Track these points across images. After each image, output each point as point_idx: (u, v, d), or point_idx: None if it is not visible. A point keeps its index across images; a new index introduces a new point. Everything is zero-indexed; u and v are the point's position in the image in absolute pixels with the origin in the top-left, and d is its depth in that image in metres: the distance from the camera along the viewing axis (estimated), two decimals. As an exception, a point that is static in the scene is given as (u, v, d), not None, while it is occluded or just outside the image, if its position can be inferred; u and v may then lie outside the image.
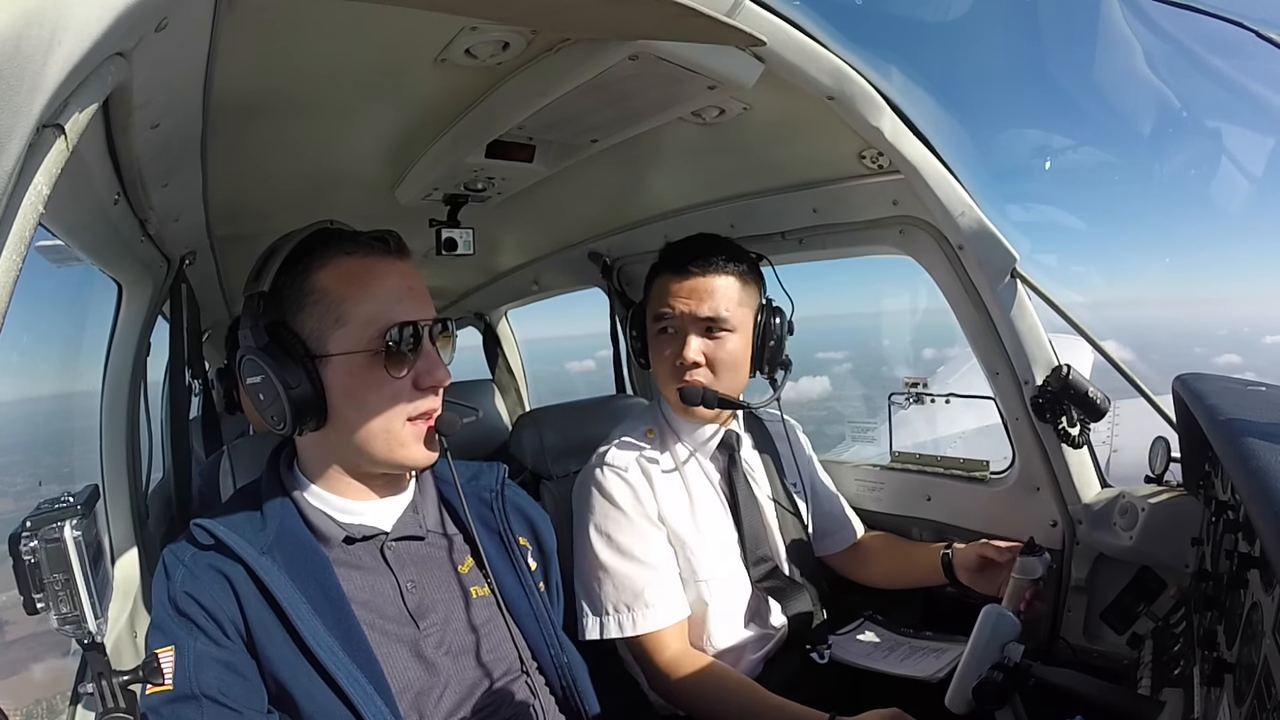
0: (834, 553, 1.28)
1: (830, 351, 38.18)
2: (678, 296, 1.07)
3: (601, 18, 0.69)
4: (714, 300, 1.06)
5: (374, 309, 0.72)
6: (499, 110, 0.91)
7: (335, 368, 0.72)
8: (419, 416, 0.74)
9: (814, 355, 43.43)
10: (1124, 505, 1.06)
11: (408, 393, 0.73)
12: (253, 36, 0.68)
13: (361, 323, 0.71)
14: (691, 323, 1.06)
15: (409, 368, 0.73)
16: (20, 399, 1.46)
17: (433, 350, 0.75)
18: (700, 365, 1.06)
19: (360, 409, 0.72)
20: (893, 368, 14.95)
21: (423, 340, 0.74)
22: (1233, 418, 0.63)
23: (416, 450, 0.75)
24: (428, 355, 0.74)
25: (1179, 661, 0.82)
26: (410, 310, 0.74)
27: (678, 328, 1.08)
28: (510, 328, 2.56)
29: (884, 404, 1.52)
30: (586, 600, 1.04)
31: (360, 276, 0.73)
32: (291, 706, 0.68)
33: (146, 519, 1.21)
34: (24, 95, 0.35)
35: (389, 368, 0.72)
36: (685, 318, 1.07)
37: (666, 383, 1.11)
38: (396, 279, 0.74)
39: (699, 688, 0.98)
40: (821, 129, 1.03)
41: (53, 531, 0.60)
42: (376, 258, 0.74)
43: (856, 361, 35.15)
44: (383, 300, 0.73)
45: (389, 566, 0.76)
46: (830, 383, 37.99)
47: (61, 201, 0.70)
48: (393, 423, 0.73)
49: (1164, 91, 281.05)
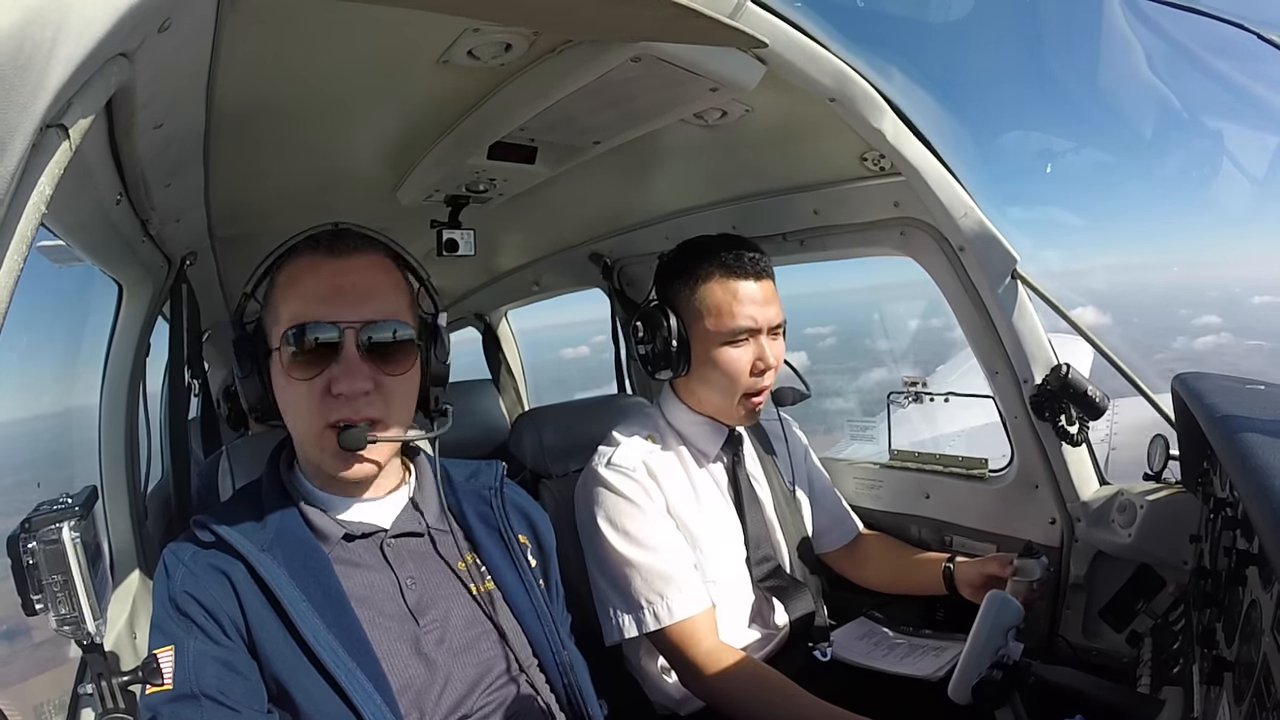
0: (834, 549, 1.28)
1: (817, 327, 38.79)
2: (753, 304, 1.06)
3: (604, 19, 0.69)
4: (776, 304, 1.09)
5: (295, 308, 0.71)
6: (501, 111, 0.91)
7: (272, 364, 0.73)
8: (331, 426, 0.70)
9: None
10: (1123, 503, 1.06)
11: (319, 399, 0.70)
12: (255, 37, 0.68)
13: (283, 321, 0.71)
14: (766, 328, 1.08)
15: (320, 371, 0.70)
16: (20, 398, 1.46)
17: (354, 355, 0.70)
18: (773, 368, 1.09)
19: (284, 409, 0.74)
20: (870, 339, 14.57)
21: (341, 344, 0.69)
22: (1231, 415, 0.63)
23: (331, 461, 0.72)
24: (346, 360, 0.69)
25: (1178, 659, 0.83)
26: (330, 311, 0.70)
27: (753, 336, 1.08)
28: (510, 328, 2.57)
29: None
30: (617, 599, 1.03)
31: (298, 275, 0.73)
32: (292, 705, 0.67)
33: (145, 519, 1.20)
34: (27, 95, 0.35)
35: (290, 369, 0.71)
36: (763, 325, 1.07)
37: (736, 389, 1.08)
38: (327, 277, 0.71)
39: (741, 685, 0.96)
40: (823, 131, 1.03)
41: (51, 533, 0.60)
42: (319, 256, 0.73)
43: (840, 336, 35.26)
44: (305, 299, 0.71)
45: (388, 564, 0.76)
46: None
47: (63, 202, 0.70)
48: (311, 428, 0.71)
49: (1164, 92, 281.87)
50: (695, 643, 0.99)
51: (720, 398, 1.10)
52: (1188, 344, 63.10)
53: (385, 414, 0.72)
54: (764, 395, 1.11)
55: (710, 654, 0.99)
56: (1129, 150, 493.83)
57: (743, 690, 0.96)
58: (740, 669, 0.98)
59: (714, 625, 1.02)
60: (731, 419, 1.14)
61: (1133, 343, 1.50)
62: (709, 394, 1.11)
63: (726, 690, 0.97)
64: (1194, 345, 63.37)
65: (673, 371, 1.11)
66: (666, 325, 1.09)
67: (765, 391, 1.11)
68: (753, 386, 1.08)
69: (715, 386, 1.10)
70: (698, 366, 1.10)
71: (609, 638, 1.03)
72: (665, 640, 1.01)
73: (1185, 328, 78.57)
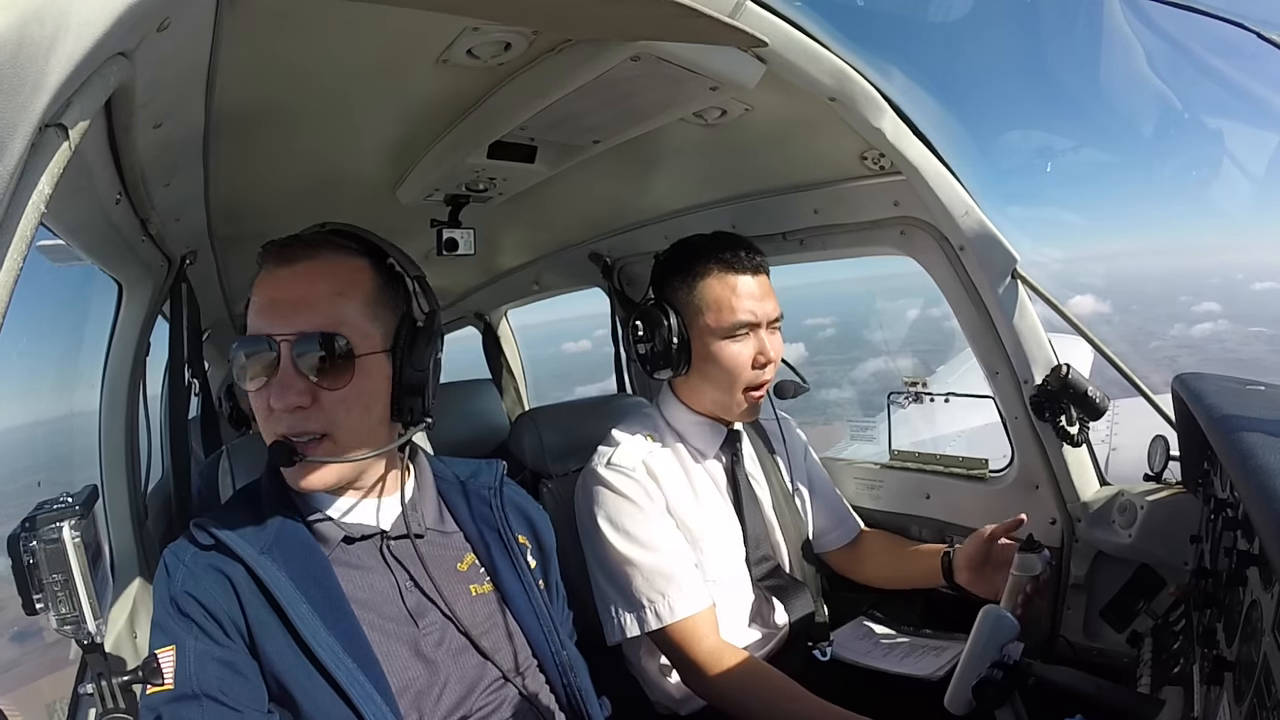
0: (834, 549, 1.28)
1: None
2: (752, 298, 1.07)
3: (603, 18, 0.69)
4: (773, 298, 1.11)
5: (250, 320, 0.71)
6: (500, 111, 0.91)
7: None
8: (274, 440, 0.70)
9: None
10: (1123, 503, 1.06)
11: (265, 412, 0.70)
12: (255, 36, 0.68)
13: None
14: (765, 322, 1.09)
15: (264, 384, 0.69)
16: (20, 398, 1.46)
17: (289, 369, 0.68)
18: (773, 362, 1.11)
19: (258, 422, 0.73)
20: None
21: (278, 357, 0.68)
22: (1231, 416, 0.63)
23: (287, 474, 0.71)
24: (281, 374, 0.68)
25: (1178, 659, 0.83)
26: (266, 324, 0.69)
27: (753, 330, 1.09)
28: (510, 328, 2.57)
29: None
30: (617, 599, 1.03)
31: (257, 286, 0.72)
32: (292, 706, 0.67)
33: (146, 519, 1.20)
34: (26, 95, 0.35)
35: (243, 381, 0.70)
36: (762, 319, 1.08)
37: (738, 385, 1.09)
38: (269, 289, 0.71)
39: (742, 684, 0.96)
40: (823, 130, 1.03)
41: (52, 532, 0.60)
42: (270, 266, 0.72)
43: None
44: (254, 311, 0.71)
45: (388, 565, 0.76)
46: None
47: (63, 201, 0.70)
48: (267, 438, 0.71)
49: (1164, 92, 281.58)
50: (696, 641, 0.99)
51: (722, 393, 1.11)
52: (1185, 331, 62.97)
53: (330, 428, 0.70)
54: (764, 389, 1.11)
55: (711, 653, 0.99)
56: (1130, 147, 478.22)
57: (744, 689, 0.96)
58: (742, 668, 0.98)
59: (715, 624, 1.02)
60: (733, 415, 1.14)
61: (1133, 330, 1.48)
62: (710, 390, 1.12)
63: (728, 689, 0.97)
64: (1191, 333, 63.26)
65: (673, 370, 1.11)
66: (666, 323, 1.09)
67: (766, 385, 1.11)
68: (754, 380, 1.09)
69: (717, 382, 1.10)
70: (699, 363, 1.10)
71: (610, 637, 1.03)
72: (666, 639, 1.01)
73: (1186, 314, 78.09)
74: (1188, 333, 64.08)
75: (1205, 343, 62.16)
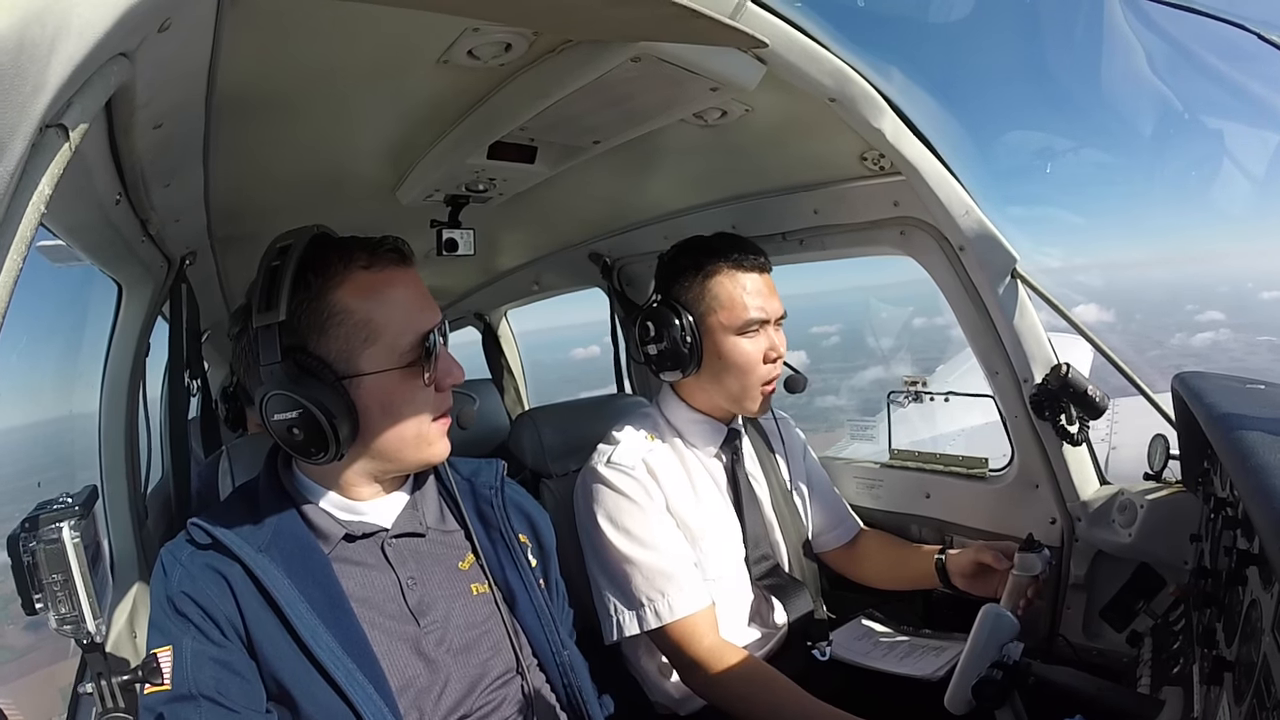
0: (832, 549, 1.28)
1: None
2: (760, 295, 1.10)
3: (604, 19, 0.69)
4: (778, 296, 1.13)
5: (403, 322, 0.73)
6: (501, 111, 0.91)
7: (369, 386, 0.71)
8: (441, 415, 0.77)
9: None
10: (1123, 502, 1.06)
11: (432, 395, 0.76)
12: (255, 37, 0.68)
13: (393, 336, 0.72)
14: (773, 319, 1.11)
15: (431, 371, 0.75)
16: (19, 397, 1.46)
17: (446, 350, 0.77)
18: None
19: (396, 420, 0.73)
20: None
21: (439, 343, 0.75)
22: (1231, 414, 0.63)
23: (441, 445, 0.78)
24: (444, 356, 0.76)
25: (1178, 659, 0.83)
26: (430, 317, 0.75)
27: (763, 327, 1.11)
28: (510, 328, 2.57)
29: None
30: (617, 597, 1.03)
31: (380, 290, 0.72)
32: (291, 705, 0.67)
33: (145, 519, 1.20)
34: (26, 95, 0.35)
35: (424, 377, 0.74)
36: (770, 316, 1.10)
37: (752, 381, 1.10)
38: (413, 287, 0.75)
39: (742, 684, 0.97)
40: (823, 130, 1.03)
41: (51, 532, 0.60)
42: (393, 269, 0.74)
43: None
44: (407, 311, 0.74)
45: (389, 563, 0.76)
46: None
47: (63, 201, 0.70)
48: (423, 426, 0.75)
49: (1164, 92, 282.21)
50: (696, 640, 0.99)
51: (736, 390, 1.11)
52: (1186, 340, 62.69)
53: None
54: (775, 383, 1.14)
55: (711, 652, 0.99)
56: (1132, 149, 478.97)
57: (744, 689, 0.96)
58: (741, 667, 0.98)
59: (715, 623, 1.02)
60: (747, 410, 1.14)
61: (1137, 337, 1.47)
62: (721, 388, 1.12)
63: (727, 688, 0.97)
64: (1192, 342, 62.96)
65: (683, 371, 1.11)
66: (678, 322, 1.09)
67: (776, 380, 1.13)
68: (767, 375, 1.11)
69: (730, 380, 1.11)
70: (709, 361, 1.11)
71: (609, 636, 1.03)
72: (666, 638, 1.01)
73: (1190, 323, 77.30)
74: (1189, 341, 63.56)
75: (1210, 351, 61.81)
